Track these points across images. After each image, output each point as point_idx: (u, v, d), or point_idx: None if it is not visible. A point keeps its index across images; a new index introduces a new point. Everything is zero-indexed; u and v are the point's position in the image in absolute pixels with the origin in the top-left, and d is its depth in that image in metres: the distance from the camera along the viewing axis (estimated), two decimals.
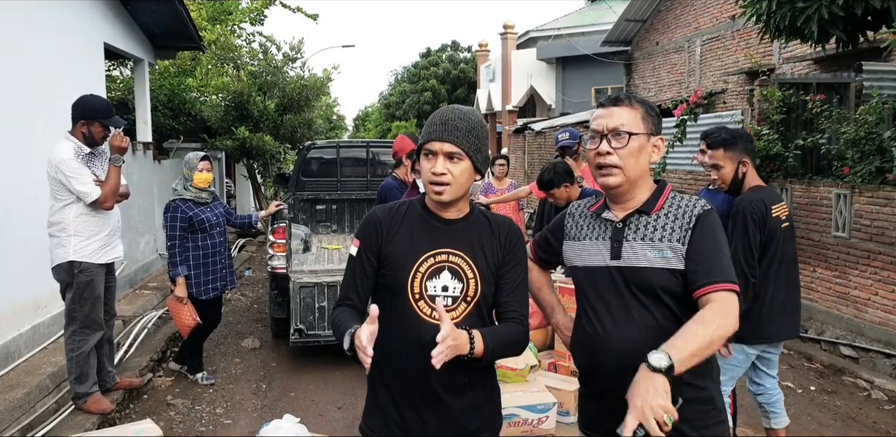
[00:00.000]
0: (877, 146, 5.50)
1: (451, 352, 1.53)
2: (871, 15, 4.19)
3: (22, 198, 4.51)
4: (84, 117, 3.79)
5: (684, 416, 1.73)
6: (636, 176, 1.77)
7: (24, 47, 4.74)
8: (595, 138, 1.77)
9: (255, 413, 4.28)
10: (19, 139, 4.57)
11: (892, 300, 5.10)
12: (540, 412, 3.21)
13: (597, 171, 1.78)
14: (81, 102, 3.85)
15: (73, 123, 3.83)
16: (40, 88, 4.90)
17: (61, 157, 3.68)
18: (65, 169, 3.66)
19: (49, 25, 5.13)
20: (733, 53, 11.01)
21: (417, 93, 33.27)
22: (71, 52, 5.56)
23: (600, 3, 19.12)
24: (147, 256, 7.40)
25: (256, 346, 5.71)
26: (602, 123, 1.75)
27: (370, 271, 1.79)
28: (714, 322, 1.57)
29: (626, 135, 1.73)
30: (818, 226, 5.80)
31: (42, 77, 4.95)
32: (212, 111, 10.27)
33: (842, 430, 4.11)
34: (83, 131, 3.80)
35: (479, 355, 1.64)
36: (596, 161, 1.76)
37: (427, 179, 1.72)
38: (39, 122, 4.83)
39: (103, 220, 3.90)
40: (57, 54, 5.25)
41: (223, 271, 4.66)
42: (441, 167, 1.69)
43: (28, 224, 4.58)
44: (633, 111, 1.75)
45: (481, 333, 1.67)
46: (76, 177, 3.68)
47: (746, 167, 3.06)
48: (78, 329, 3.83)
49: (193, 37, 7.96)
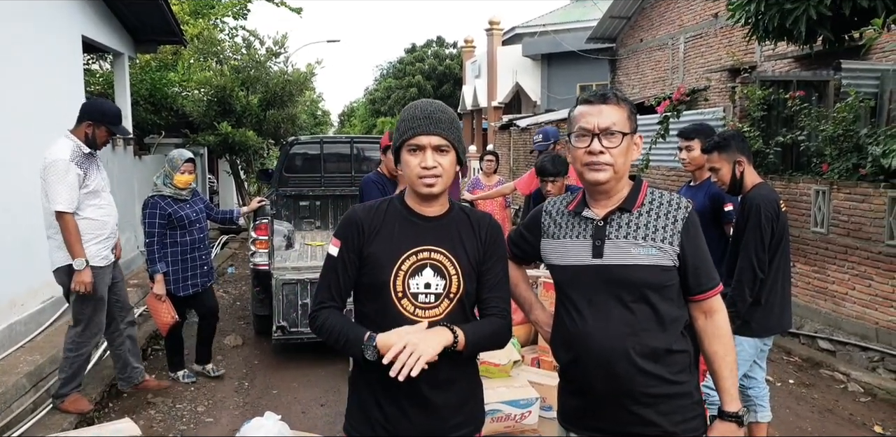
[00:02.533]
0: (854, 143, 5.57)
1: (423, 346, 1.58)
2: (858, 14, 4.23)
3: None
4: (92, 119, 3.78)
5: (662, 411, 1.76)
6: (623, 173, 1.79)
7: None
8: (585, 136, 1.76)
9: (237, 411, 4.26)
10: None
11: (869, 295, 5.18)
12: (523, 408, 3.22)
13: (584, 167, 1.78)
14: (93, 103, 3.89)
15: (77, 122, 3.80)
16: (13, 81, 4.80)
17: (54, 157, 3.63)
18: (50, 171, 3.61)
19: (23, 16, 5.04)
20: (716, 51, 11.09)
21: (403, 88, 33.14)
22: (47, 45, 5.47)
23: (586, 0, 19.16)
24: (127, 252, 7.32)
25: (239, 343, 5.68)
26: (593, 121, 1.75)
27: (352, 271, 1.78)
28: (730, 343, 1.84)
29: (620, 135, 1.74)
30: (798, 222, 5.86)
31: (16, 70, 4.85)
32: (194, 106, 10.16)
33: (819, 422, 4.17)
34: (87, 132, 3.79)
35: (461, 347, 1.67)
36: (587, 160, 1.76)
37: (416, 173, 1.70)
38: (11, 115, 4.75)
39: (102, 222, 3.87)
40: (32, 47, 5.16)
41: (203, 268, 4.61)
42: (432, 161, 1.69)
43: (4, 223, 4.51)
44: (621, 110, 1.77)
45: (461, 326, 1.70)
46: (57, 182, 3.61)
47: (742, 166, 3.10)
48: (82, 331, 3.85)
49: (175, 31, 7.87)
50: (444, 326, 1.69)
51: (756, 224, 2.95)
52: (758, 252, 2.95)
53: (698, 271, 1.79)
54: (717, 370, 1.81)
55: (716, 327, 1.82)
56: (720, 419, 1.81)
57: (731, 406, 1.80)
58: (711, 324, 1.83)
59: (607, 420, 1.80)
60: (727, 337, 1.83)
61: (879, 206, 5.05)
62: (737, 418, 1.80)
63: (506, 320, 1.82)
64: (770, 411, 3.35)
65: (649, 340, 1.74)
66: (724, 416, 1.81)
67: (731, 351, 1.82)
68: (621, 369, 1.73)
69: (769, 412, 3.34)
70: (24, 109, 4.88)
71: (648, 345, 1.74)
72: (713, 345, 1.82)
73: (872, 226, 5.12)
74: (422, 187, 1.72)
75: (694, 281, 1.79)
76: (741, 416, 1.80)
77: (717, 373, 1.82)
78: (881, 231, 5.03)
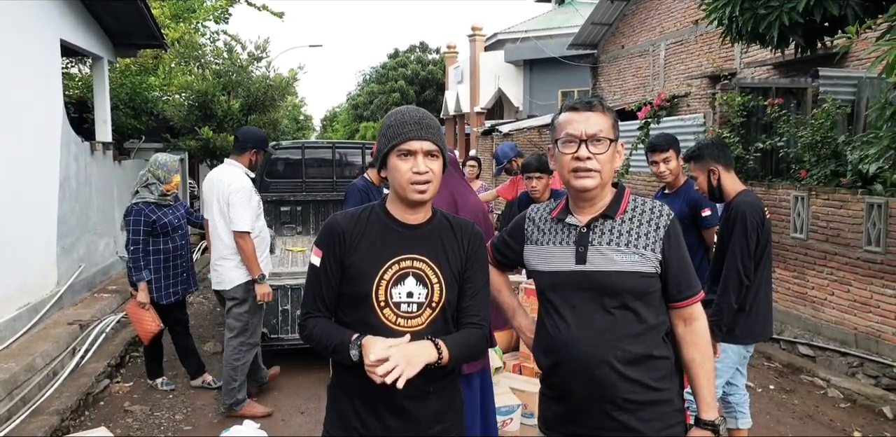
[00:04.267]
0: (832, 150, 5.64)
1: (406, 363, 1.55)
2: (829, 21, 4.30)
3: None
4: (257, 147, 4.17)
5: (644, 417, 1.76)
6: (608, 180, 1.81)
7: None
8: (572, 143, 1.77)
9: (216, 419, 4.20)
10: None
11: (848, 300, 5.24)
12: (504, 415, 3.21)
13: (571, 173, 1.78)
14: (253, 132, 4.24)
15: (241, 150, 4.14)
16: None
17: (241, 184, 4.00)
18: (238, 196, 3.97)
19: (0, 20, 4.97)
20: (696, 57, 11.21)
21: (386, 93, 33.12)
22: (23, 49, 5.39)
23: (567, 7, 19.31)
24: (106, 258, 7.22)
25: (218, 350, 5.60)
26: (580, 128, 1.76)
27: (335, 281, 1.76)
28: (709, 351, 1.84)
29: (607, 141, 1.76)
30: (777, 227, 5.92)
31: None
32: (175, 111, 10.06)
33: (799, 428, 4.20)
34: (251, 158, 4.17)
35: (445, 363, 1.66)
36: (574, 165, 1.76)
37: (408, 179, 1.69)
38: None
39: (262, 238, 4.23)
40: (9, 50, 5.08)
41: (184, 275, 4.56)
42: (424, 166, 1.68)
43: None
44: (607, 118, 1.79)
45: (443, 339, 1.69)
46: (243, 206, 3.97)
47: (718, 174, 3.13)
48: (246, 340, 4.10)
49: (155, 35, 7.80)
50: (428, 340, 1.67)
51: (742, 232, 2.97)
52: (744, 259, 2.96)
53: (679, 279, 1.80)
54: (694, 377, 1.82)
55: (695, 334, 1.83)
56: (696, 427, 1.82)
57: (707, 415, 1.81)
58: (690, 331, 1.83)
59: (588, 426, 1.80)
60: (706, 345, 1.83)
61: (857, 212, 5.11)
62: (713, 426, 1.81)
63: (484, 330, 1.82)
64: (750, 417, 3.37)
65: (631, 346, 1.74)
66: (700, 424, 1.82)
67: (708, 359, 1.83)
68: (603, 374, 1.73)
69: (749, 418, 3.36)
70: (0, 114, 4.80)
71: (630, 351, 1.74)
72: (691, 352, 1.82)
73: (851, 232, 5.19)
74: (413, 194, 1.70)
75: (675, 288, 1.80)
76: (717, 425, 1.81)
77: (694, 381, 1.82)
78: (859, 237, 5.10)
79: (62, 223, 5.92)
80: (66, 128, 6.15)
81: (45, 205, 5.64)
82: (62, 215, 5.93)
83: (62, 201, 5.95)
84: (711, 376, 1.82)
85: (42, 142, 5.62)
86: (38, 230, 5.48)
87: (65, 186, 6.03)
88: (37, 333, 5.04)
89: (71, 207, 6.20)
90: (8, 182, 4.88)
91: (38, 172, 5.53)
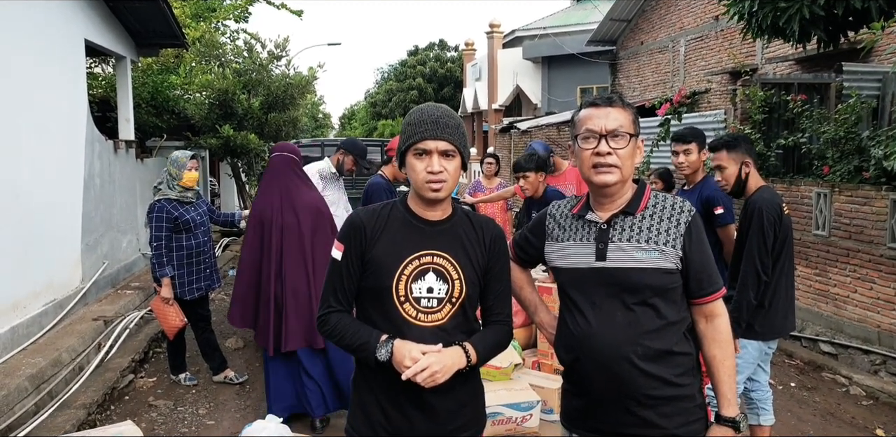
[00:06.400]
0: (856, 146, 5.57)
1: (441, 372, 1.64)
2: (852, 15, 4.24)
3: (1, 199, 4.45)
4: (346, 148, 4.94)
5: (664, 412, 1.77)
6: (628, 176, 1.81)
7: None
8: (592, 138, 1.78)
9: (238, 414, 4.26)
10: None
11: (871, 298, 5.17)
12: (524, 411, 3.23)
13: (591, 169, 1.79)
14: (350, 139, 5.12)
15: (336, 151, 5.02)
16: (18, 85, 4.82)
17: (308, 171, 4.31)
18: None
19: (27, 21, 5.06)
20: (717, 53, 11.10)
21: (404, 91, 33.20)
22: (50, 49, 5.49)
23: (586, 3, 19.18)
24: (129, 255, 7.33)
25: (240, 346, 5.68)
26: (600, 123, 1.76)
27: (355, 276, 1.79)
28: (730, 348, 1.84)
29: (627, 136, 1.76)
30: (799, 224, 5.86)
31: (20, 73, 4.88)
32: (196, 109, 10.17)
33: (821, 425, 4.16)
34: (339, 158, 4.94)
35: (473, 365, 1.74)
36: (594, 161, 1.77)
37: (423, 178, 1.71)
38: (17, 120, 4.77)
39: None
40: (36, 51, 5.18)
41: (207, 271, 4.62)
42: (438, 166, 1.70)
43: (7, 225, 4.52)
44: (627, 113, 1.79)
45: (472, 342, 1.75)
46: None
47: (749, 168, 3.10)
48: None
49: (177, 34, 7.88)
50: (458, 346, 1.73)
51: (759, 228, 2.95)
52: (761, 256, 2.95)
53: (700, 275, 1.79)
54: (715, 373, 1.82)
55: (716, 331, 1.83)
56: (717, 424, 1.82)
57: (728, 411, 1.80)
58: (712, 328, 1.83)
59: (609, 422, 1.81)
60: (727, 342, 1.83)
61: (881, 208, 5.04)
62: (733, 423, 1.80)
63: (509, 327, 1.87)
64: (773, 414, 3.35)
65: (652, 342, 1.74)
66: (721, 421, 1.81)
67: (730, 356, 1.83)
68: (623, 370, 1.74)
69: (772, 415, 3.34)
70: (25, 112, 4.89)
71: (651, 347, 1.74)
72: (713, 349, 1.82)
73: (874, 229, 5.12)
74: (428, 192, 1.72)
75: (696, 284, 1.80)
76: (738, 421, 1.80)
77: (715, 377, 1.82)
78: (883, 234, 5.03)
79: (86, 221, 6.02)
80: (90, 127, 6.25)
81: (70, 203, 5.74)
82: (86, 213, 6.03)
83: (86, 199, 6.05)
84: (732, 372, 1.82)
85: (67, 141, 5.72)
86: (63, 228, 5.58)
87: (89, 184, 6.14)
88: (62, 328, 5.13)
89: (95, 205, 6.30)
90: (34, 180, 4.98)
91: (64, 171, 5.63)
